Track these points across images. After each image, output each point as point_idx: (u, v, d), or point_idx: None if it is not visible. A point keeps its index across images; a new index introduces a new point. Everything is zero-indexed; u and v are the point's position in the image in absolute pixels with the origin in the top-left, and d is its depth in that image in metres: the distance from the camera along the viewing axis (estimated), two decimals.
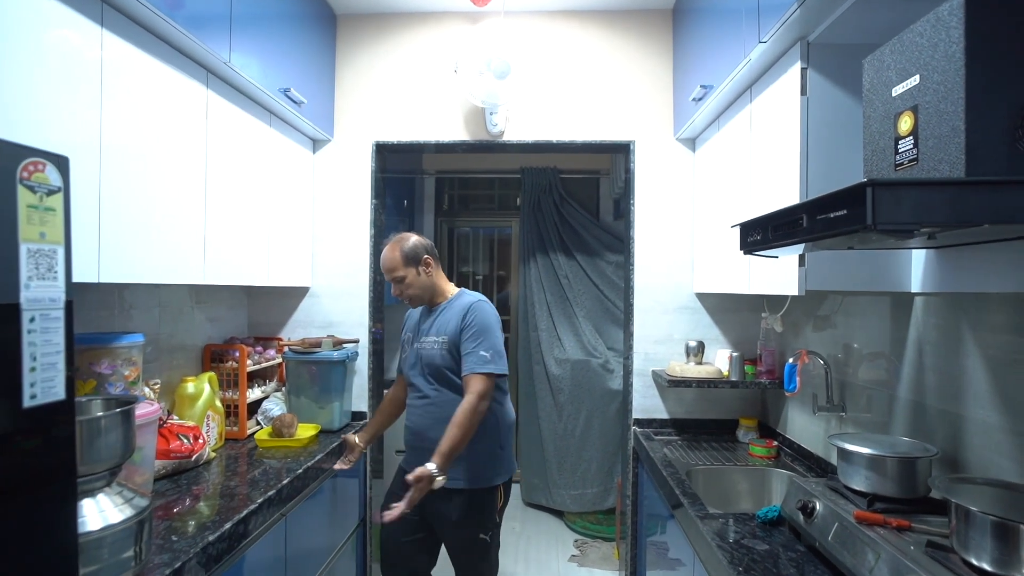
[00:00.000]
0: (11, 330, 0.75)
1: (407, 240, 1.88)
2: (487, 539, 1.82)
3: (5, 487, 0.76)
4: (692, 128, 2.42)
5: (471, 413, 1.70)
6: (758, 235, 1.29)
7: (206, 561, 1.33)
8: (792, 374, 1.85)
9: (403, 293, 1.88)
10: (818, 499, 1.35)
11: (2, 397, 0.75)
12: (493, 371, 1.74)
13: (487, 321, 1.79)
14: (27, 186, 0.76)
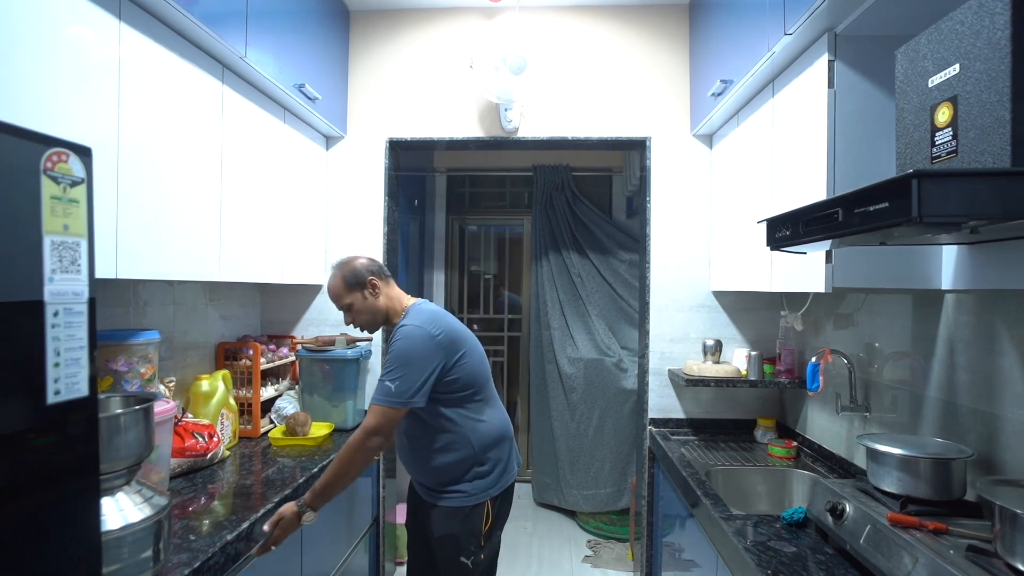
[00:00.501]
0: (35, 325, 0.74)
1: (348, 264, 1.74)
2: (468, 564, 1.66)
3: (29, 484, 0.74)
4: (709, 124, 2.39)
5: (352, 448, 1.57)
6: (787, 230, 1.26)
7: (224, 561, 1.31)
8: (815, 373, 1.81)
9: (354, 320, 1.75)
10: (848, 501, 1.32)
11: (27, 393, 0.73)
12: (391, 404, 1.55)
13: (407, 348, 1.59)
14: (51, 177, 0.75)
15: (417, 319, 1.65)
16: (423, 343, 1.60)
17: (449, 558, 1.69)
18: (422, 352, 1.59)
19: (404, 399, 1.55)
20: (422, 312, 1.69)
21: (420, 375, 1.57)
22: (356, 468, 1.59)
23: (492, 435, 1.71)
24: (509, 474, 1.75)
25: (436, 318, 1.67)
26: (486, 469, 1.69)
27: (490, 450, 1.70)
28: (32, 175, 0.73)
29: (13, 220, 0.72)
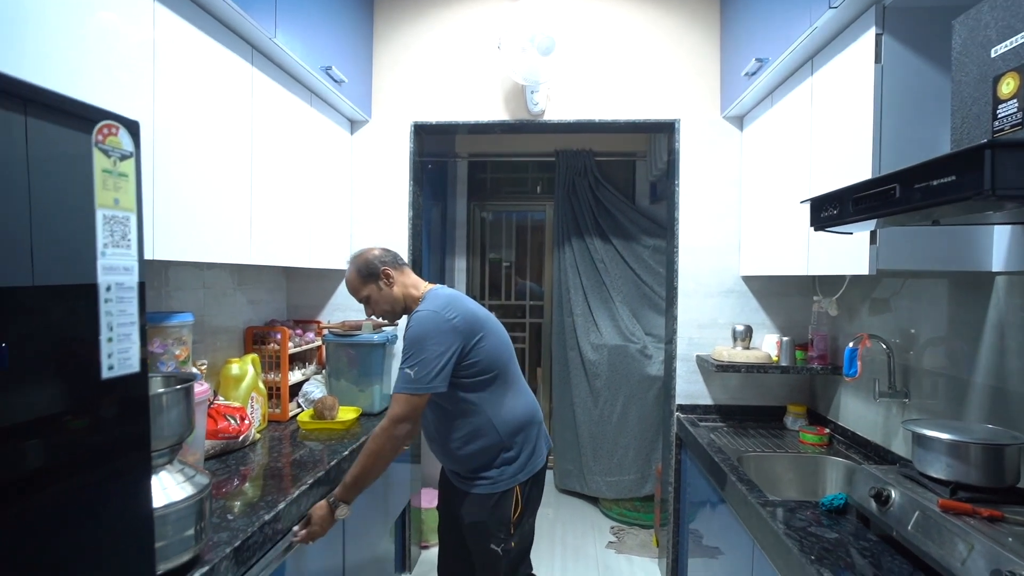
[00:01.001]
0: (91, 302, 0.73)
1: (361, 257, 1.74)
2: (498, 551, 1.65)
3: (86, 458, 0.74)
4: (741, 106, 2.33)
5: (379, 438, 1.56)
6: (834, 210, 1.22)
7: (263, 540, 1.32)
8: (853, 358, 1.77)
9: (374, 311, 1.76)
10: (893, 487, 1.29)
11: (83, 369, 0.73)
12: (413, 391, 1.54)
13: (420, 333, 1.58)
14: (102, 150, 0.74)
15: (432, 304, 1.64)
16: (436, 327, 1.58)
17: (479, 545, 1.69)
18: (436, 336, 1.57)
19: (424, 384, 1.54)
20: (438, 297, 1.68)
21: (437, 360, 1.56)
22: (384, 458, 1.58)
23: (518, 419, 1.69)
24: (538, 458, 1.73)
25: (451, 302, 1.65)
26: (513, 454, 1.68)
27: (516, 435, 1.68)
28: (85, 146, 0.72)
29: (69, 194, 0.71)
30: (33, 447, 0.69)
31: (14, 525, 0.66)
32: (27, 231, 0.67)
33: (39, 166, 0.68)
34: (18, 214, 0.66)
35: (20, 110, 0.66)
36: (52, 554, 0.71)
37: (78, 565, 0.75)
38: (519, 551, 1.75)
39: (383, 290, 1.72)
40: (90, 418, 0.74)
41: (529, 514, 1.74)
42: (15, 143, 0.65)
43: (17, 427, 0.67)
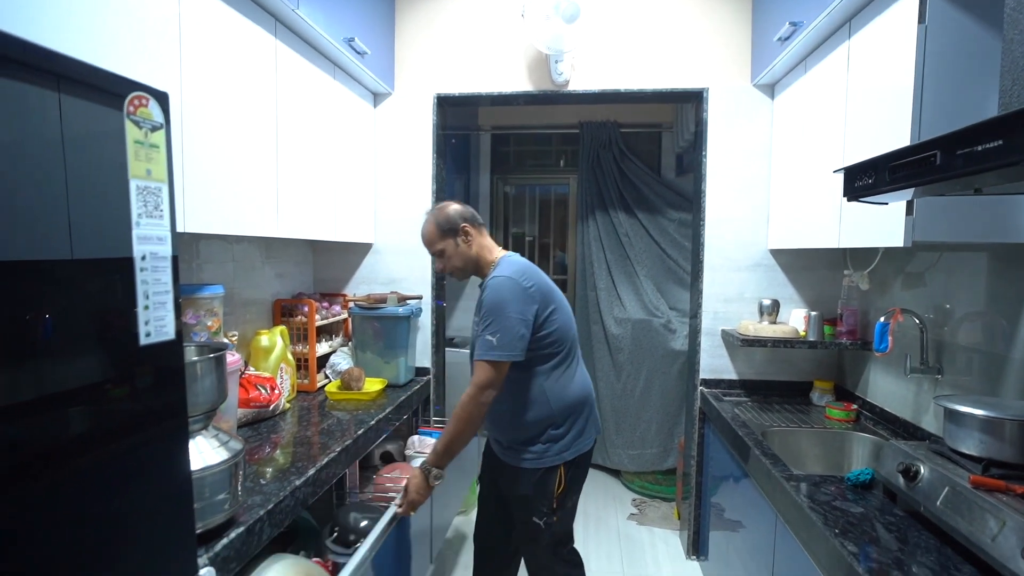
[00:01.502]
0: (126, 275, 0.75)
1: (443, 210, 1.72)
2: (540, 524, 1.67)
3: (126, 423, 0.77)
4: (772, 73, 2.26)
5: (466, 406, 1.57)
6: (869, 178, 1.18)
7: (294, 504, 1.37)
8: (884, 333, 1.74)
9: (445, 267, 1.74)
10: (922, 462, 1.27)
11: (121, 337, 0.75)
12: (497, 358, 1.55)
13: (499, 299, 1.57)
14: (133, 121, 0.75)
15: (507, 270, 1.63)
16: (514, 294, 1.58)
17: (522, 517, 1.72)
18: (514, 303, 1.57)
19: (507, 352, 1.55)
20: (513, 263, 1.67)
21: (517, 327, 1.56)
22: (473, 424, 1.60)
23: (572, 397, 1.69)
24: (585, 439, 1.72)
25: (526, 270, 1.65)
26: (561, 432, 1.67)
27: (568, 413, 1.68)
28: (117, 117, 0.73)
29: (103, 169, 0.73)
30: (76, 413, 0.72)
31: (63, 487, 0.69)
32: (64, 207, 0.68)
33: (73, 142, 0.69)
34: (56, 190, 0.67)
35: (54, 86, 0.67)
36: (98, 515, 0.74)
37: (124, 525, 0.78)
38: (562, 528, 1.74)
39: (459, 247, 1.70)
40: (129, 384, 0.77)
41: (572, 492, 1.73)
42: (49, 119, 0.67)
43: (61, 395, 0.70)
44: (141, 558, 0.82)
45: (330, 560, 1.62)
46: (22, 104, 0.64)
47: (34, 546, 0.66)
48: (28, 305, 0.65)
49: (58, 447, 0.69)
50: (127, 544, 0.79)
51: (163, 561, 0.87)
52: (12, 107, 0.63)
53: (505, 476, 1.76)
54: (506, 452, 1.74)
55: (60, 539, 0.69)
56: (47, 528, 0.68)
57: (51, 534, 0.68)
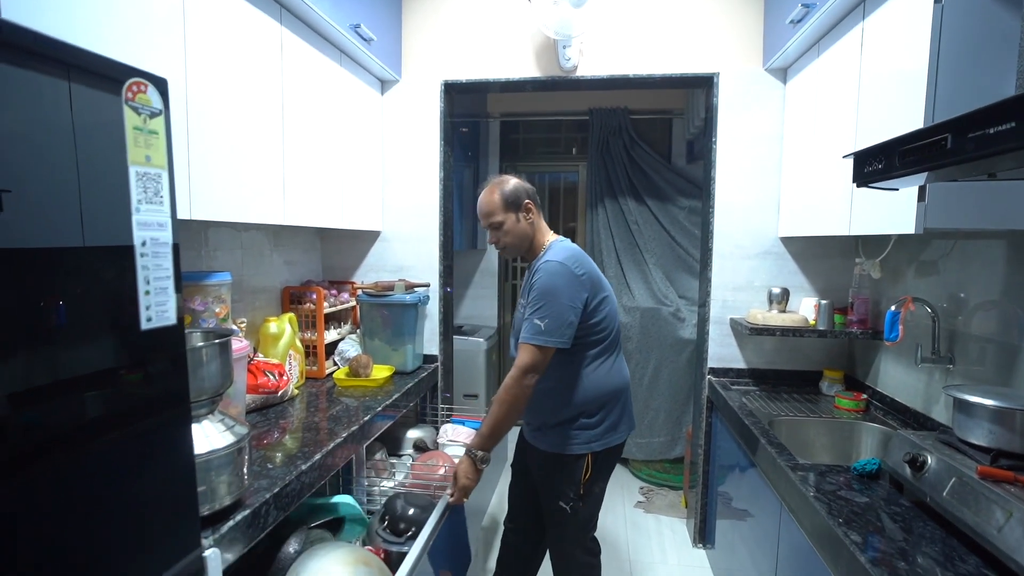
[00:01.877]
0: (129, 259, 0.76)
1: (507, 182, 1.68)
2: (567, 509, 1.67)
3: (130, 407, 0.78)
4: (784, 57, 2.21)
5: (510, 389, 1.56)
6: (879, 163, 1.16)
7: (300, 489, 1.39)
8: (894, 322, 1.71)
9: (499, 241, 1.69)
10: (929, 453, 1.26)
11: (124, 322, 0.76)
12: (543, 343, 1.54)
13: (551, 284, 1.55)
14: (132, 107, 0.75)
15: (560, 255, 1.61)
16: (566, 280, 1.57)
17: (549, 501, 1.73)
18: (566, 290, 1.56)
19: (554, 338, 1.54)
20: (566, 249, 1.65)
21: (567, 314, 1.55)
22: (517, 408, 1.60)
23: (609, 388, 1.68)
24: (616, 434, 1.71)
25: (578, 256, 1.64)
26: (593, 422, 1.67)
27: (603, 403, 1.67)
28: (115, 104, 0.73)
29: (102, 151, 0.73)
30: (79, 398, 0.73)
31: (67, 470, 0.71)
32: (76, 194, 0.69)
33: (85, 130, 0.70)
34: (68, 178, 0.68)
35: (63, 75, 0.68)
36: (102, 497, 0.76)
37: (128, 507, 0.80)
38: (588, 514, 1.75)
39: (520, 223, 1.67)
40: (131, 369, 0.78)
41: (599, 480, 1.73)
42: (60, 107, 0.67)
43: (66, 381, 0.71)
44: (145, 539, 0.83)
45: (381, 548, 1.66)
46: (34, 93, 0.65)
47: (38, 528, 0.68)
48: (35, 292, 0.66)
49: (62, 431, 0.70)
50: (131, 525, 0.81)
51: (167, 542, 0.89)
52: (23, 96, 0.64)
53: (534, 459, 1.77)
54: (535, 434, 1.74)
55: (64, 521, 0.71)
56: (52, 510, 0.69)
57: (56, 516, 0.70)
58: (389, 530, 1.68)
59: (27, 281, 0.65)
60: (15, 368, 0.65)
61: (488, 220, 1.69)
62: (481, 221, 1.72)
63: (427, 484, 1.95)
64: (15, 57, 0.62)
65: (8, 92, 0.62)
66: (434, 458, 2.13)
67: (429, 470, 2.03)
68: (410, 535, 1.64)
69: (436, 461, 2.08)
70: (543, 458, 1.71)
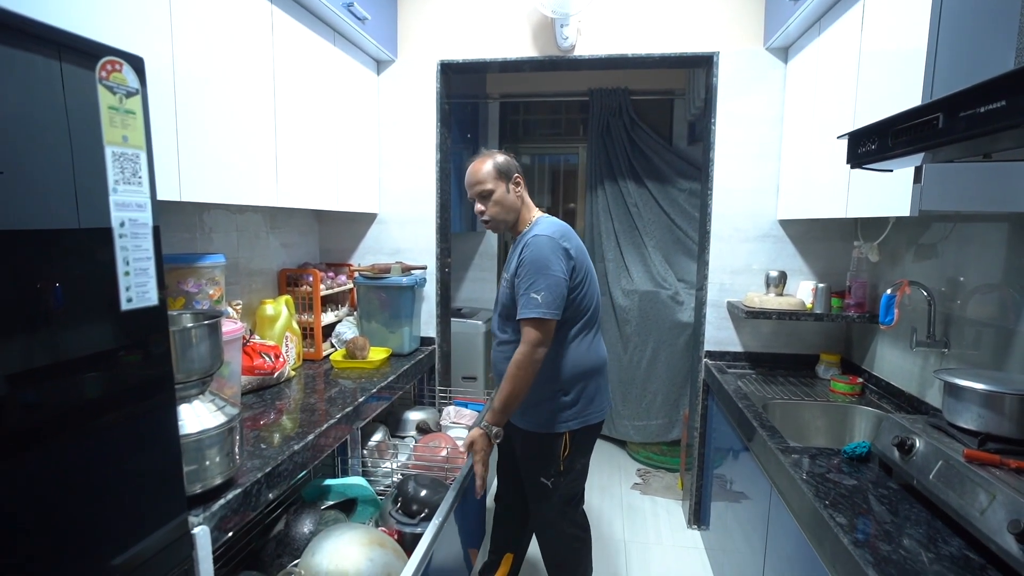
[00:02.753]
0: (107, 241, 0.76)
1: (499, 154, 1.71)
2: (548, 484, 1.72)
3: (114, 387, 0.79)
4: (786, 35, 2.17)
5: (521, 365, 1.57)
6: (872, 144, 1.14)
7: (293, 468, 1.40)
8: (890, 305, 1.70)
9: (487, 211, 1.70)
10: (918, 436, 1.26)
11: (103, 302, 0.76)
12: (544, 315, 1.55)
13: (543, 257, 1.56)
14: (107, 86, 0.75)
15: (548, 229, 1.64)
16: (555, 254, 1.59)
17: (530, 476, 1.76)
18: (556, 263, 1.58)
19: (553, 309, 1.56)
20: (552, 223, 1.68)
21: (561, 286, 1.58)
22: (528, 382, 1.61)
23: (586, 365, 1.70)
24: (594, 412, 1.73)
25: (565, 231, 1.66)
26: (569, 400, 1.69)
27: (578, 381, 1.69)
28: (88, 84, 0.73)
29: (75, 131, 0.72)
30: (65, 379, 0.73)
31: (54, 447, 0.71)
32: (71, 176, 0.69)
33: (70, 111, 0.69)
34: (61, 159, 0.68)
35: (55, 56, 0.67)
36: (91, 474, 0.77)
37: (116, 487, 0.81)
38: (571, 489, 1.78)
39: (509, 194, 1.70)
40: (112, 349, 0.79)
41: (580, 455, 1.76)
42: (53, 90, 0.67)
43: (54, 362, 0.71)
44: (133, 518, 0.85)
45: (395, 529, 1.68)
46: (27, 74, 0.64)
47: (30, 506, 0.69)
48: (24, 274, 0.67)
49: (50, 411, 0.71)
50: (120, 502, 0.82)
51: (156, 520, 0.90)
52: (16, 77, 0.63)
53: (515, 438, 1.80)
54: (515, 414, 1.76)
55: (55, 497, 0.72)
56: (42, 489, 0.70)
57: (46, 493, 0.70)
58: (402, 511, 1.70)
59: (16, 263, 0.65)
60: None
61: (478, 188, 1.69)
62: (469, 191, 1.73)
63: (430, 466, 1.97)
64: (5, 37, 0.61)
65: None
66: (437, 439, 2.14)
67: (432, 451, 2.04)
68: (423, 516, 1.66)
69: (439, 443, 2.10)
70: (523, 436, 1.74)
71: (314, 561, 1.27)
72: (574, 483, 1.79)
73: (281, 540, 1.50)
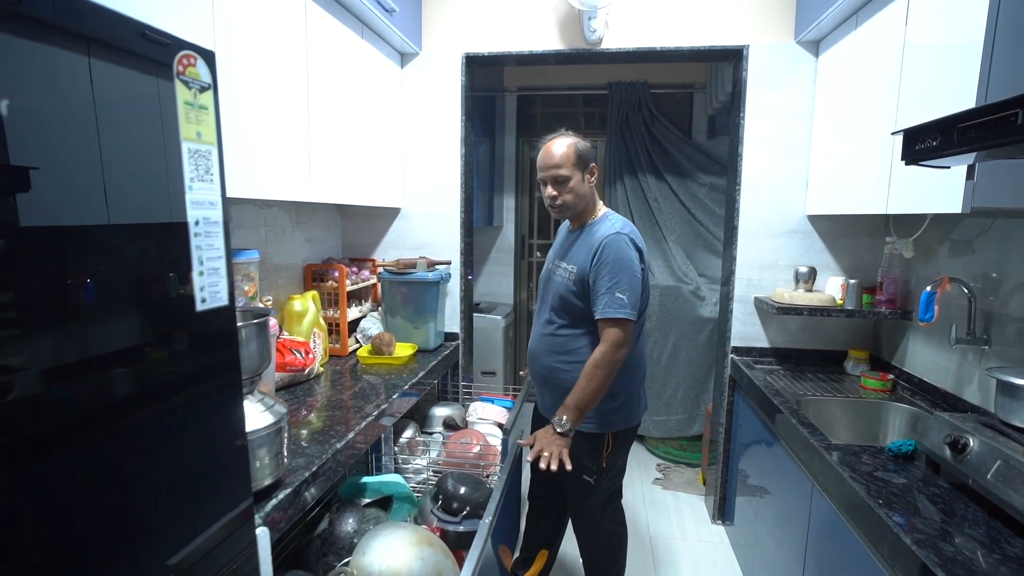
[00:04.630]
0: (183, 238, 0.75)
1: (581, 140, 1.66)
2: (591, 482, 1.71)
3: (184, 386, 0.78)
4: (818, 29, 2.14)
5: (604, 365, 1.54)
6: (934, 140, 1.12)
7: (335, 467, 1.39)
8: (930, 303, 1.68)
9: (558, 196, 1.64)
10: (971, 435, 1.25)
11: (181, 303, 0.75)
12: (630, 316, 1.53)
13: (626, 257, 1.53)
14: (183, 81, 0.73)
15: (626, 227, 1.63)
16: (634, 256, 1.58)
17: (572, 475, 1.72)
18: (636, 263, 1.58)
19: (634, 311, 1.55)
20: (625, 222, 1.67)
21: (639, 287, 1.57)
22: (607, 381, 1.58)
23: (634, 370, 1.68)
24: (634, 414, 1.73)
25: (636, 230, 1.66)
26: (616, 404, 1.67)
27: (626, 385, 1.67)
28: (167, 77, 0.71)
29: (153, 128, 0.71)
30: (136, 379, 0.72)
31: (134, 444, 0.70)
32: (99, 172, 0.66)
33: (106, 105, 0.66)
34: (91, 155, 0.65)
35: (84, 51, 0.64)
36: (160, 474, 0.76)
37: (185, 483, 0.80)
38: (612, 485, 1.78)
39: (585, 183, 1.66)
40: (188, 350, 0.77)
41: (621, 452, 1.75)
42: (79, 81, 0.64)
43: (101, 357, 0.70)
44: (204, 517, 0.84)
45: (437, 527, 1.68)
46: (55, 67, 0.61)
47: (100, 501, 0.68)
48: (71, 270, 0.65)
49: (119, 411, 0.70)
50: (191, 504, 0.81)
51: (225, 520, 0.89)
52: (44, 69, 0.60)
53: None
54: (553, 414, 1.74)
55: (128, 497, 0.71)
56: (113, 486, 0.69)
57: (117, 493, 0.69)
58: (443, 509, 1.69)
59: (78, 257, 0.64)
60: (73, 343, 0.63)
61: (555, 172, 1.63)
62: (541, 172, 1.67)
63: (462, 462, 1.96)
64: (35, 31, 0.59)
65: (36, 64, 0.59)
66: (467, 436, 2.14)
67: (464, 448, 2.04)
68: (465, 514, 1.65)
69: (470, 439, 2.09)
70: None
71: (365, 561, 1.27)
72: (615, 479, 1.78)
73: (326, 539, 1.49)
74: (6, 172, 0.55)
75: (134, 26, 0.68)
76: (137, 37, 0.68)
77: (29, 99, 0.57)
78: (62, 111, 0.61)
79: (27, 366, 0.57)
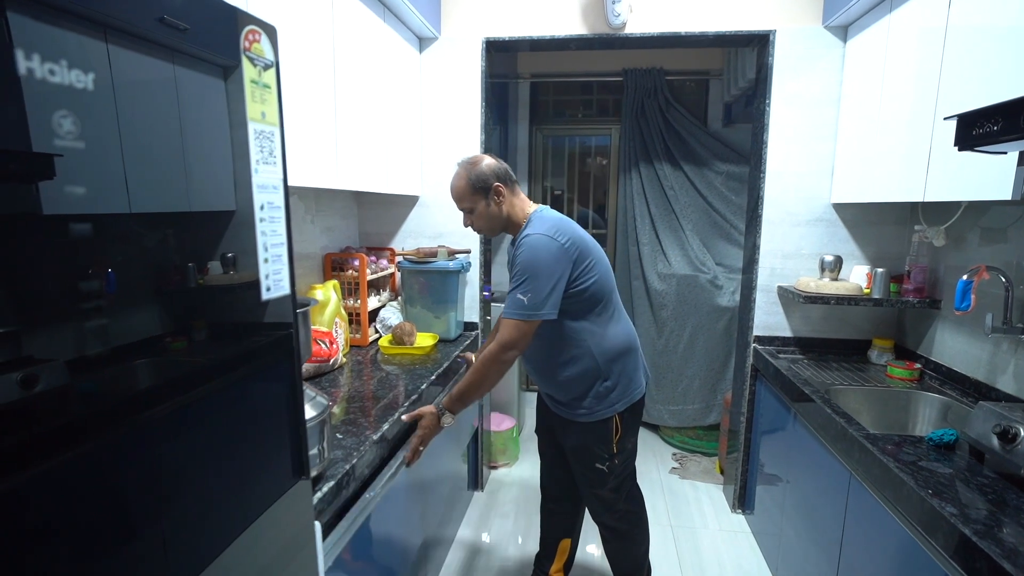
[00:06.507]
0: (250, 226, 0.71)
1: (476, 165, 1.63)
2: (604, 469, 1.71)
3: (252, 376, 0.75)
4: (848, 13, 2.11)
5: (488, 361, 1.55)
6: (995, 126, 1.10)
7: (372, 458, 1.37)
8: (967, 291, 1.66)
9: (472, 224, 1.69)
10: (1022, 425, 1.23)
11: (250, 290, 0.72)
12: (525, 317, 1.51)
13: (533, 258, 1.52)
14: (249, 58, 0.69)
15: (541, 227, 1.57)
16: (549, 253, 1.53)
17: (584, 466, 1.73)
18: (549, 262, 1.53)
19: (536, 311, 1.52)
20: (545, 220, 1.61)
21: (549, 285, 1.52)
22: (491, 380, 1.59)
23: (616, 348, 1.67)
24: (636, 389, 1.71)
25: (561, 225, 1.59)
26: (610, 384, 1.66)
27: (614, 364, 1.66)
28: (234, 52, 0.67)
29: (159, 122, 0.64)
30: (211, 360, 0.69)
31: (201, 434, 0.67)
32: (120, 160, 0.61)
33: (124, 89, 0.62)
34: (111, 141, 0.60)
35: (101, 37, 0.59)
36: (227, 454, 0.73)
37: (250, 463, 0.77)
38: (624, 470, 1.77)
39: (490, 207, 1.63)
40: (256, 338, 0.75)
41: (630, 435, 1.75)
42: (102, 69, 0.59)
43: (163, 348, 0.67)
44: (264, 506, 0.81)
45: None
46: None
47: (167, 486, 0.65)
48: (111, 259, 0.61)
49: (186, 403, 0.67)
50: (253, 493, 0.79)
51: (282, 512, 0.87)
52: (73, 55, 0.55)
53: (561, 429, 1.77)
54: (558, 407, 1.74)
55: (196, 484, 0.68)
56: (188, 465, 0.66)
57: (187, 482, 0.67)
58: None
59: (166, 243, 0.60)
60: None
61: (459, 204, 1.67)
62: (456, 204, 1.69)
63: None
64: (59, 17, 0.54)
65: (63, 49, 0.55)
66: None
67: None
68: None
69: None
70: (571, 427, 1.71)
71: None
72: (627, 463, 1.78)
73: None
74: (28, 159, 0.51)
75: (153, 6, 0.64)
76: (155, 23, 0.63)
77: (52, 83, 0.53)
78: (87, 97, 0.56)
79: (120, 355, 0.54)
